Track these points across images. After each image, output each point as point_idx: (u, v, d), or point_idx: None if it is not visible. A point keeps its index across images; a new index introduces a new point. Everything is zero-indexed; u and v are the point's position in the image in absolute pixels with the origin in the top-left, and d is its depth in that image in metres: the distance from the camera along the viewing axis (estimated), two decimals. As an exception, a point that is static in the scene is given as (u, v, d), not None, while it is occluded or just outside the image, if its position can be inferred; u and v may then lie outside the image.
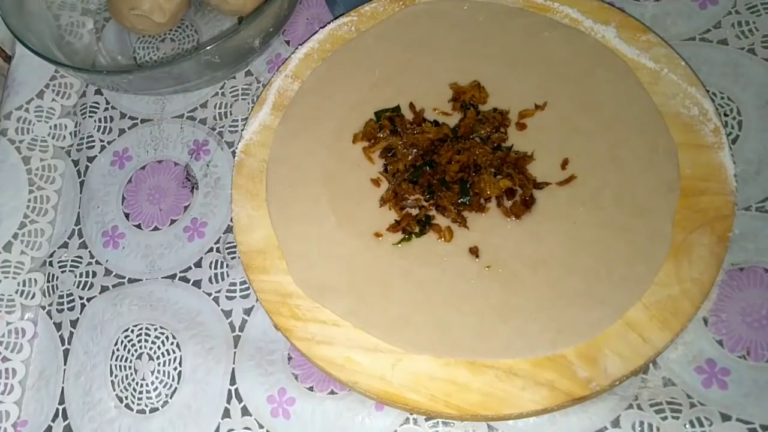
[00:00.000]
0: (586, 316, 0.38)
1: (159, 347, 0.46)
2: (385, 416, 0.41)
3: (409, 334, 0.39)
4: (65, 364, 0.48)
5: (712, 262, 0.38)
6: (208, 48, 0.46)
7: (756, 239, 0.41)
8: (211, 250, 0.48)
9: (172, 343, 0.46)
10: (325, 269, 0.42)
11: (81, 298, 0.49)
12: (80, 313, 0.49)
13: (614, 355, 0.37)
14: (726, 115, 0.45)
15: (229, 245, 0.48)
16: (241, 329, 0.45)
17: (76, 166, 0.55)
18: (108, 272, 0.50)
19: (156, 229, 0.50)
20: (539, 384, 0.37)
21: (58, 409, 0.47)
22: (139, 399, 0.45)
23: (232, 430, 0.43)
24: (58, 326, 0.49)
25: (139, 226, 0.51)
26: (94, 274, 0.50)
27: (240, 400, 0.43)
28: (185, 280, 0.48)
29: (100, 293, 0.49)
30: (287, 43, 0.55)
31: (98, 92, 0.57)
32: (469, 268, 0.41)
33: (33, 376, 0.48)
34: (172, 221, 0.50)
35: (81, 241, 0.52)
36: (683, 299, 0.38)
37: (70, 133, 0.57)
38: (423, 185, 0.43)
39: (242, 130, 0.49)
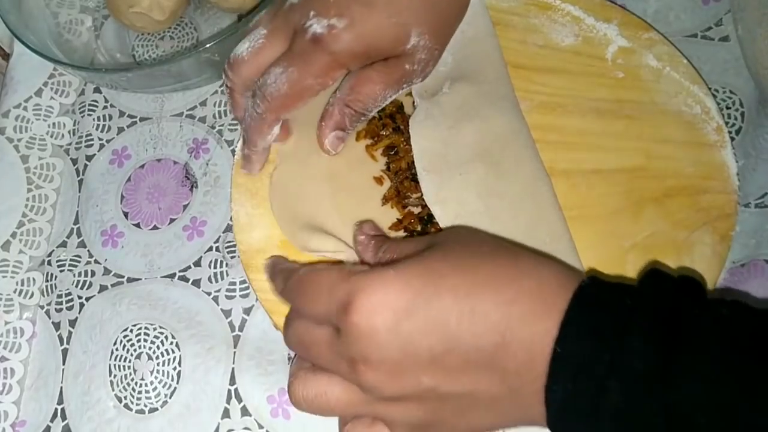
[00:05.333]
0: (588, 316, 0.38)
1: (158, 347, 0.46)
2: (386, 416, 0.41)
3: (410, 333, 0.39)
4: (64, 364, 0.47)
5: (714, 261, 0.38)
6: (207, 46, 0.46)
7: (756, 235, 0.41)
8: (210, 249, 0.48)
9: (171, 343, 0.46)
10: (325, 268, 0.42)
11: (80, 297, 0.49)
12: (79, 313, 0.49)
13: (617, 354, 0.36)
14: (728, 107, 0.44)
15: (228, 244, 0.48)
16: (241, 329, 0.45)
17: (74, 165, 0.55)
18: (107, 271, 0.50)
19: (155, 228, 0.50)
20: (541, 383, 0.37)
21: (56, 409, 0.46)
22: (138, 399, 0.45)
23: (232, 430, 0.43)
24: (57, 326, 0.49)
25: (138, 225, 0.51)
26: (93, 273, 0.50)
27: (240, 400, 0.43)
28: (184, 279, 0.48)
29: (99, 293, 0.49)
30: (287, 41, 0.55)
31: (97, 90, 0.57)
32: (471, 267, 0.40)
33: (31, 376, 0.48)
34: (172, 220, 0.50)
35: (80, 240, 0.51)
36: (686, 298, 0.37)
37: (69, 132, 0.56)
38: (424, 184, 0.43)
39: (242, 128, 0.49)
